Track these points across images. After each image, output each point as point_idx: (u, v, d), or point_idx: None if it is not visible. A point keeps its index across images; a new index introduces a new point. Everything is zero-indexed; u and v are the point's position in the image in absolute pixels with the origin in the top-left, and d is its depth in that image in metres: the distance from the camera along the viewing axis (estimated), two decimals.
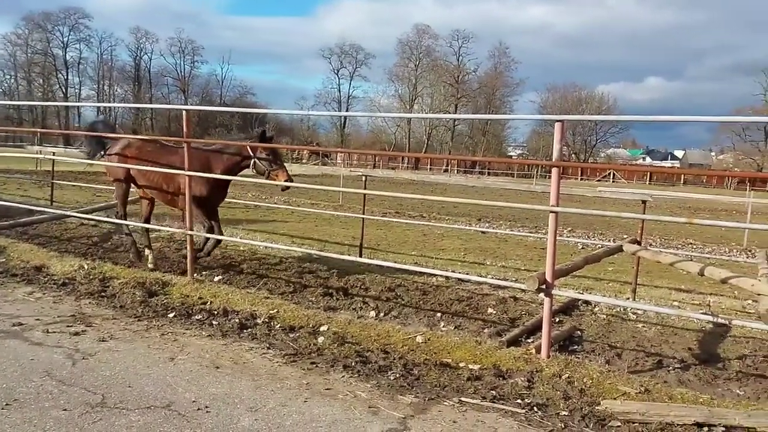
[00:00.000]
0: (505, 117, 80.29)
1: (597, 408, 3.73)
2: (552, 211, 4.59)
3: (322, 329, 5.06)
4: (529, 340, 5.28)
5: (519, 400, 3.85)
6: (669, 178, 72.43)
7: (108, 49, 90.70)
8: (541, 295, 4.74)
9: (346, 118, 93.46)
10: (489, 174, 68.89)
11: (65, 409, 3.39)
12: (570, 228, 16.48)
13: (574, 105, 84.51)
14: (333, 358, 4.46)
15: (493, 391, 3.97)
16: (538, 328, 5.33)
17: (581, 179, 69.68)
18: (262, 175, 7.08)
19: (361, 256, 8.63)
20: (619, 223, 18.30)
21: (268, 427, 3.31)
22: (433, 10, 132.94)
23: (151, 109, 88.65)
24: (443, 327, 5.72)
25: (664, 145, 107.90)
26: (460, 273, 7.67)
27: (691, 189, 59.46)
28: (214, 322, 5.19)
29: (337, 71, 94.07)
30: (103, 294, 5.88)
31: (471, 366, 4.38)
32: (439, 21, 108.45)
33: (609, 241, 12.13)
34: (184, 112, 6.46)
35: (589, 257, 5.65)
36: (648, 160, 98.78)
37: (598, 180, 70.84)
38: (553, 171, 4.65)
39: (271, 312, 5.43)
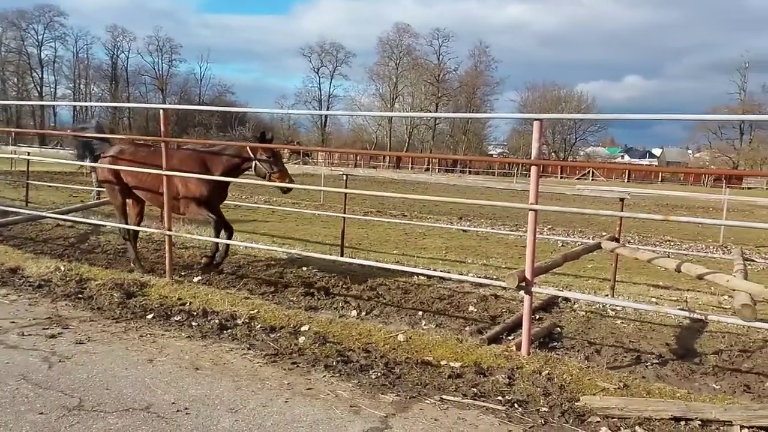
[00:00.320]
0: (485, 116, 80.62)
1: (577, 404, 3.77)
2: (531, 209, 4.62)
3: (303, 329, 5.04)
4: (509, 338, 5.31)
5: (500, 397, 3.87)
6: (647, 176, 73.33)
7: (84, 47, 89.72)
8: (521, 292, 4.77)
9: (326, 117, 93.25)
10: (470, 173, 69.21)
11: (41, 413, 3.33)
12: (550, 226, 16.62)
13: (554, 104, 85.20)
14: (314, 357, 4.45)
15: (474, 389, 3.98)
16: (518, 325, 5.37)
17: (561, 177, 70.35)
18: (262, 177, 6.95)
19: (342, 256, 8.61)
20: (598, 220, 18.49)
21: (248, 428, 3.29)
22: (412, 9, 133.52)
23: (129, 108, 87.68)
24: (425, 325, 5.73)
25: (642, 143, 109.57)
26: (441, 271, 7.69)
27: (669, 186, 60.39)
28: (193, 323, 5.15)
29: (318, 70, 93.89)
30: (80, 296, 5.80)
31: (452, 364, 4.39)
32: (419, 20, 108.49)
33: (588, 238, 12.26)
34: (162, 111, 6.39)
35: (568, 255, 5.70)
36: (626, 158, 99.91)
37: (577, 178, 71.55)
38: (532, 169, 4.67)
39: (251, 312, 5.39)
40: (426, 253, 10.72)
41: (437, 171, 71.06)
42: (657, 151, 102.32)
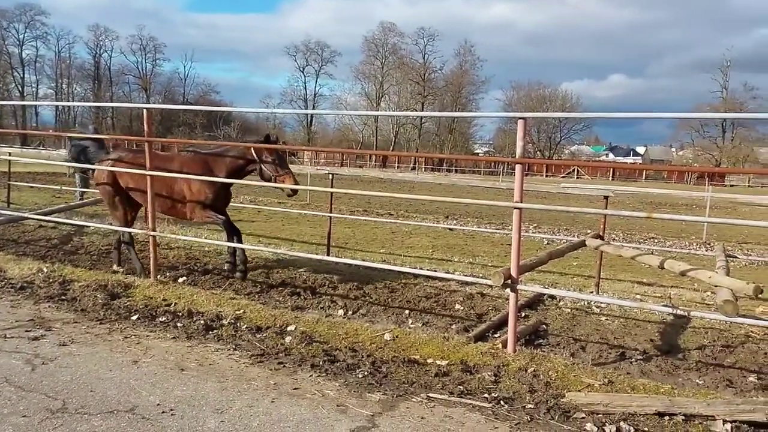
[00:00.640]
0: (470, 115, 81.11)
1: (562, 400, 3.79)
2: (516, 208, 4.64)
3: (289, 329, 5.02)
4: (495, 335, 5.33)
5: (486, 395, 3.88)
6: (631, 174, 73.97)
7: (66, 46, 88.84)
8: (506, 290, 4.79)
9: (312, 116, 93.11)
10: (456, 171, 69.41)
11: (25, 416, 3.30)
12: (536, 224, 16.71)
13: (539, 103, 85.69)
14: (301, 357, 4.44)
15: (461, 386, 4.00)
16: (504, 323, 5.38)
17: (546, 176, 70.73)
18: (267, 180, 6.83)
19: (328, 255, 8.60)
20: (583, 218, 18.62)
21: (234, 429, 3.27)
22: (398, 8, 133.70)
23: (112, 108, 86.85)
24: (411, 324, 5.74)
25: (626, 141, 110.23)
26: (428, 270, 7.71)
27: (653, 184, 60.93)
28: (178, 324, 5.11)
29: (303, 69, 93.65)
30: (63, 297, 5.74)
31: (439, 362, 4.41)
32: (404, 19, 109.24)
33: (573, 236, 12.35)
34: (145, 111, 6.34)
35: (553, 252, 5.74)
36: (611, 156, 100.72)
37: (562, 177, 71.98)
38: (516, 168, 4.69)
39: (237, 313, 5.37)
40: (413, 252, 10.74)
41: (423, 170, 71.12)
42: (641, 150, 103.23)
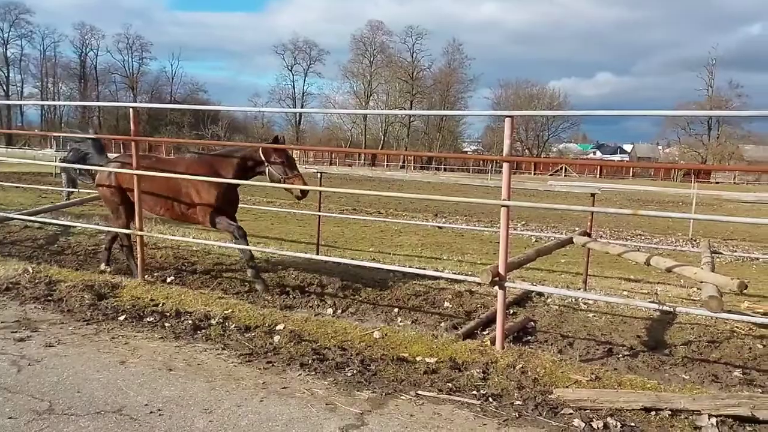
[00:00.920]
0: (458, 113, 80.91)
1: (550, 396, 3.82)
2: (504, 205, 4.66)
3: (278, 328, 5.01)
4: (484, 333, 5.35)
5: (474, 392, 3.90)
6: (618, 172, 74.43)
7: (51, 45, 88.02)
8: (495, 287, 4.81)
9: (301, 115, 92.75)
10: (445, 170, 69.50)
11: (11, 417, 3.27)
12: (524, 222, 16.79)
13: (527, 101, 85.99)
14: (290, 356, 4.43)
15: (450, 384, 4.01)
16: (492, 320, 5.40)
17: (534, 174, 71.00)
18: (276, 182, 6.70)
19: (317, 254, 8.59)
20: (571, 216, 18.73)
21: (223, 428, 3.27)
22: (386, 6, 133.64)
23: (99, 107, 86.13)
24: (400, 322, 5.75)
25: (613, 139, 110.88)
26: (417, 268, 7.71)
27: (640, 182, 61.41)
28: (166, 324, 5.08)
29: (291, 68, 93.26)
30: (49, 298, 5.68)
31: (428, 359, 4.42)
32: (392, 17, 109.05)
33: (562, 233, 12.42)
34: (131, 110, 6.30)
35: (541, 250, 5.77)
36: (598, 154, 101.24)
37: (550, 174, 72.23)
38: (504, 166, 4.72)
39: (225, 312, 5.35)
40: (402, 250, 10.75)
41: (412, 168, 71.15)
42: (628, 147, 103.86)
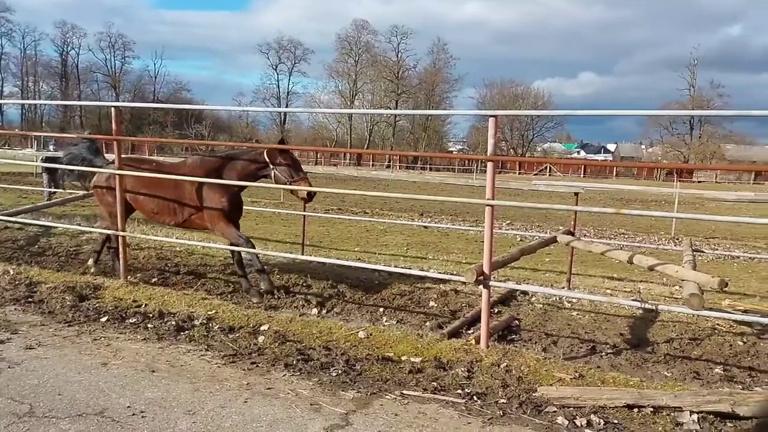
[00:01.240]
0: (443, 113, 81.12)
1: (534, 394, 3.84)
2: (488, 205, 4.68)
3: (262, 328, 4.99)
4: (469, 332, 5.36)
5: (459, 390, 3.91)
6: (602, 171, 75.02)
7: (32, 43, 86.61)
8: (479, 287, 4.83)
9: (286, 114, 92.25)
10: (431, 169, 69.60)
11: None
12: (509, 221, 16.86)
13: (511, 101, 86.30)
14: (274, 357, 4.41)
15: (435, 383, 4.02)
16: (477, 319, 5.42)
17: (519, 173, 71.36)
18: (282, 185, 6.56)
19: (303, 254, 8.57)
20: (556, 215, 18.85)
21: (206, 430, 3.24)
22: (371, 5, 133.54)
23: (80, 106, 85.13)
24: (386, 322, 5.74)
25: (597, 139, 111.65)
26: (402, 268, 7.72)
27: (624, 181, 61.99)
28: (149, 325, 5.04)
29: (275, 67, 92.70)
30: (29, 300, 5.61)
31: (413, 359, 4.42)
32: (377, 17, 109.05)
33: (546, 232, 12.49)
34: (113, 109, 6.24)
35: (525, 249, 5.80)
36: (582, 153, 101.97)
37: (535, 174, 72.64)
38: (488, 165, 4.73)
39: (209, 313, 5.31)
40: (387, 250, 10.76)
41: (398, 168, 71.18)
42: (611, 147, 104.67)
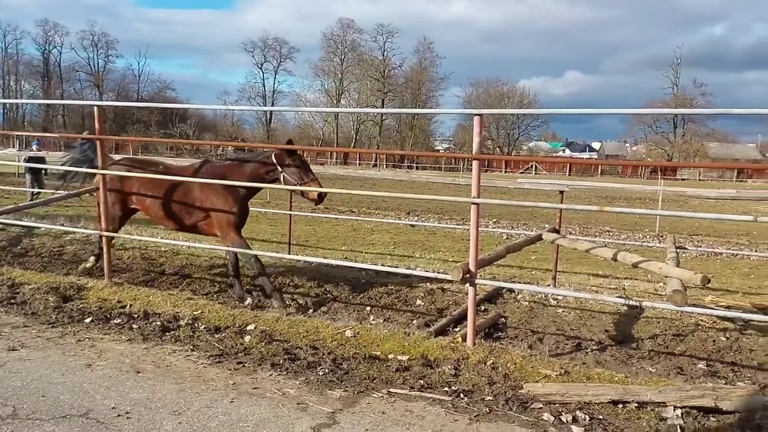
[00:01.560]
0: (428, 111, 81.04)
1: (520, 391, 3.86)
2: (473, 203, 4.69)
3: (249, 328, 4.97)
4: (456, 329, 5.38)
5: (446, 388, 3.92)
6: (587, 169, 75.66)
7: (13, 42, 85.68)
8: (466, 285, 4.84)
9: (271, 113, 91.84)
10: (418, 168, 69.70)
11: None
12: (495, 219, 16.94)
13: (497, 99, 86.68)
14: (261, 356, 4.40)
15: (421, 381, 4.02)
16: (464, 317, 5.44)
17: (505, 172, 71.71)
18: (292, 187, 6.43)
19: (289, 253, 8.55)
20: (542, 213, 18.95)
21: (192, 430, 3.23)
22: (357, 4, 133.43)
23: (63, 105, 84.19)
24: (373, 320, 5.75)
25: (582, 137, 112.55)
26: (389, 266, 7.72)
27: (609, 179, 62.49)
28: (134, 326, 5.00)
29: (261, 65, 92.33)
30: (12, 301, 5.55)
31: (400, 357, 4.43)
32: (363, 15, 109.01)
33: (532, 230, 12.57)
34: (96, 109, 6.18)
35: (511, 247, 5.82)
36: (568, 152, 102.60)
37: (521, 172, 73.05)
38: (474, 164, 4.75)
39: (195, 313, 5.28)
40: (374, 249, 10.76)
41: (385, 167, 71.18)
42: (596, 145, 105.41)
